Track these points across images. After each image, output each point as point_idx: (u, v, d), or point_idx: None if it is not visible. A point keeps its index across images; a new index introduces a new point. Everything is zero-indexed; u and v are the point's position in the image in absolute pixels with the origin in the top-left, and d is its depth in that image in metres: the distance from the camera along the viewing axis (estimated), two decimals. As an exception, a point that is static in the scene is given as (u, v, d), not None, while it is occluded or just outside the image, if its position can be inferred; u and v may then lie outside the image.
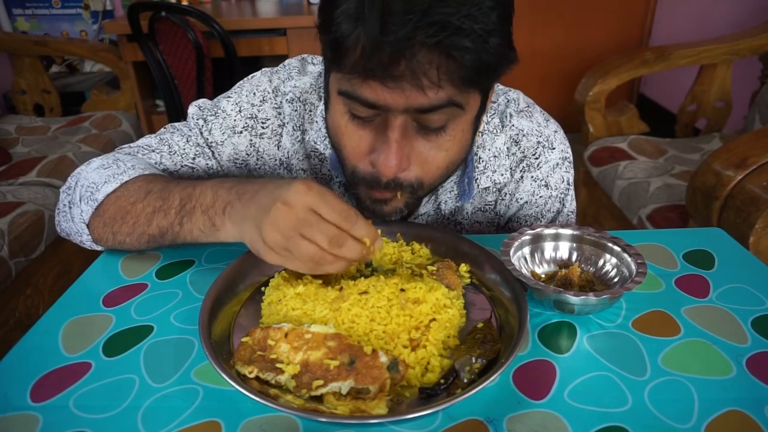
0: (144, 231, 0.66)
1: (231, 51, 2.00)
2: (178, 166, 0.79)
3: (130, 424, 0.50)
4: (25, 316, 1.57)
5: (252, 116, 0.78)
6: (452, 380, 0.53)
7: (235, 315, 0.64)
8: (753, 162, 1.30)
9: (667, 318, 0.65)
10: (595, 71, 2.08)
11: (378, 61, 0.52)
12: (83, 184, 0.71)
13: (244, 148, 0.79)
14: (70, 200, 0.73)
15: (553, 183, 0.82)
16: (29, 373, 0.56)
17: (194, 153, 0.79)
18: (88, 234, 0.72)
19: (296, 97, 0.78)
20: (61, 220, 0.76)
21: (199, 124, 0.80)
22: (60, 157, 1.94)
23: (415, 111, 0.57)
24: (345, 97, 0.59)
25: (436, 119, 0.58)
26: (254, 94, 0.79)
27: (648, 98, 3.21)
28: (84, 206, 0.70)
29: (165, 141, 0.79)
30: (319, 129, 0.76)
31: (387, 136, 0.59)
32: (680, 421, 0.50)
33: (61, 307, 0.67)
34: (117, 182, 0.69)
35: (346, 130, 0.62)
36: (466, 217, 0.83)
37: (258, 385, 0.52)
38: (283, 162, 0.81)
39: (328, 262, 0.56)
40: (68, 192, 0.75)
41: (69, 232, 0.76)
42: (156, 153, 0.79)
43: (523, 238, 0.71)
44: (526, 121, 0.81)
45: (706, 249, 0.78)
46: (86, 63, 2.91)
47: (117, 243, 0.70)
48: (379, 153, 0.60)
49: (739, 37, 2.03)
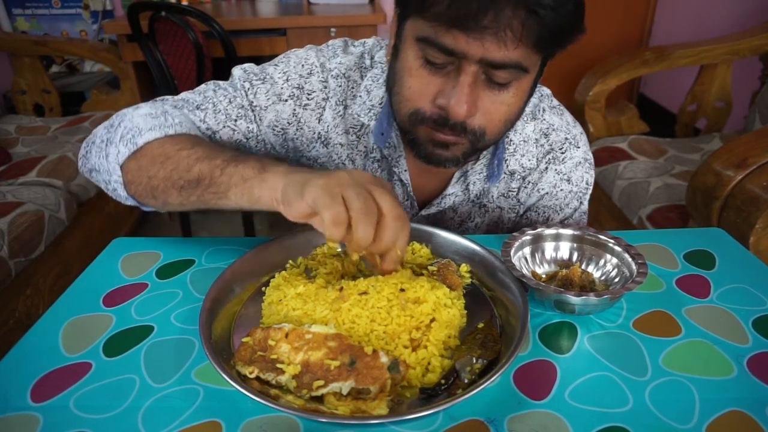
0: (181, 176, 0.64)
1: (231, 51, 2.00)
2: (221, 126, 0.78)
3: (130, 425, 0.50)
4: (25, 316, 1.57)
5: (299, 86, 0.80)
6: (453, 380, 0.53)
7: (235, 315, 0.64)
8: (753, 162, 1.30)
9: (667, 318, 0.65)
10: (595, 71, 2.08)
11: (466, 11, 0.56)
12: (126, 126, 0.70)
13: (286, 116, 0.81)
14: (109, 138, 0.71)
15: (575, 179, 0.85)
16: (29, 373, 0.56)
17: (236, 114, 0.79)
18: (119, 175, 0.69)
19: (341, 73, 0.81)
20: (93, 154, 0.74)
21: (245, 86, 0.80)
22: (60, 157, 1.94)
23: (488, 64, 0.60)
24: (425, 43, 0.62)
25: (503, 76, 0.62)
26: (302, 66, 0.81)
27: (648, 98, 3.21)
28: (122, 147, 0.68)
29: (209, 99, 0.79)
30: (363, 102, 0.80)
31: (459, 81, 0.62)
32: (681, 422, 0.50)
33: (61, 307, 0.67)
34: (161, 133, 0.68)
35: (416, 74, 0.65)
36: (491, 200, 0.86)
37: (258, 386, 0.52)
38: (321, 135, 0.83)
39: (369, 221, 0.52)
40: (109, 129, 0.72)
41: (97, 168, 0.74)
42: (201, 111, 0.78)
43: (523, 238, 0.71)
44: (557, 118, 0.85)
45: (706, 249, 0.78)
46: (86, 63, 2.91)
47: (150, 188, 0.67)
48: (450, 96, 0.63)
49: (739, 37, 2.03)
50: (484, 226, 0.88)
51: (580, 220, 0.88)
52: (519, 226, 0.88)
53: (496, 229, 0.89)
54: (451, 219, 0.88)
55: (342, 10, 2.45)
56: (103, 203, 2.09)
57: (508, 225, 0.89)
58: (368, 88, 0.80)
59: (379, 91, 0.80)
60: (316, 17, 2.35)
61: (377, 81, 0.81)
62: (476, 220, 0.88)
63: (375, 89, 0.80)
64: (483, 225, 0.88)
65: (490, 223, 0.88)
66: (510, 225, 0.89)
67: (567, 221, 0.87)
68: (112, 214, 2.18)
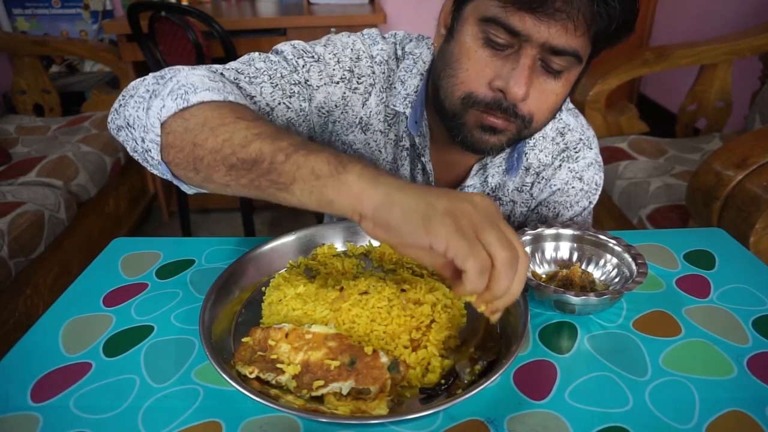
0: (234, 152, 0.52)
1: (231, 51, 2.00)
2: (276, 102, 0.72)
3: (130, 425, 0.50)
4: (25, 316, 1.57)
5: (350, 69, 0.80)
6: (453, 381, 0.53)
7: (235, 315, 0.64)
8: (753, 162, 1.30)
9: (667, 318, 0.65)
10: (595, 71, 2.08)
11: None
12: (180, 81, 0.59)
13: (335, 99, 0.80)
14: (155, 90, 0.60)
15: (587, 178, 0.87)
16: (29, 373, 0.56)
17: (291, 91, 0.74)
18: (157, 134, 0.57)
19: (384, 60, 0.82)
20: (130, 105, 0.62)
21: (300, 63, 0.76)
22: (60, 157, 1.94)
23: (549, 49, 0.61)
24: (490, 23, 0.62)
25: (559, 63, 0.63)
26: (351, 50, 0.81)
27: (648, 98, 3.21)
28: (169, 102, 0.57)
29: (262, 71, 0.73)
30: (398, 92, 0.81)
31: (520, 63, 0.63)
32: (681, 422, 0.50)
33: (61, 307, 0.67)
34: (220, 96, 0.58)
35: (475, 55, 0.65)
36: (507, 194, 0.88)
37: (258, 386, 0.52)
38: (362, 120, 0.83)
39: (513, 272, 0.46)
40: (159, 80, 0.62)
41: (132, 123, 0.61)
42: (257, 84, 0.71)
43: (523, 238, 0.71)
44: (572, 119, 0.87)
45: (706, 249, 0.78)
46: (86, 63, 2.91)
47: (194, 158, 0.55)
48: (509, 78, 0.64)
49: (739, 37, 2.03)
50: None
51: (587, 219, 0.90)
52: (529, 220, 0.90)
53: (508, 222, 0.89)
54: None
55: (342, 10, 2.45)
56: (103, 203, 2.09)
57: (519, 219, 0.90)
58: (402, 78, 0.81)
59: (413, 81, 0.81)
60: (316, 17, 2.35)
61: (410, 71, 0.81)
62: None
63: (409, 79, 0.81)
64: None
65: (503, 216, 0.89)
66: (521, 219, 0.90)
67: (575, 219, 0.88)
68: (112, 214, 2.18)
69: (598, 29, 0.60)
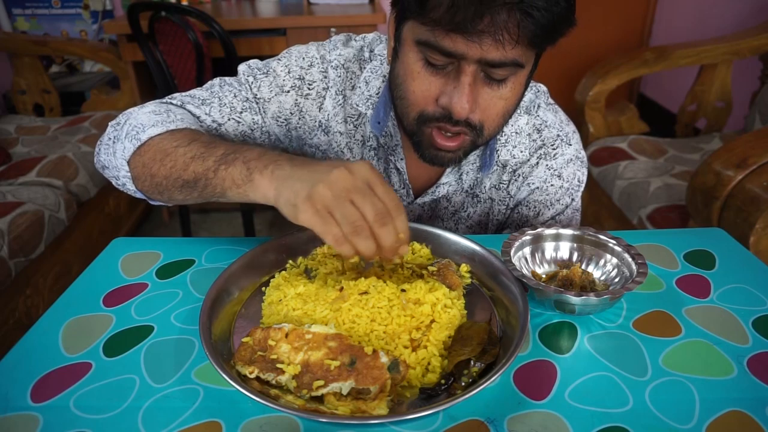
0: (180, 176, 0.66)
1: (231, 51, 2.00)
2: (226, 119, 0.82)
3: (130, 425, 0.50)
4: (25, 316, 1.57)
5: (300, 77, 0.84)
6: (453, 381, 0.53)
7: (235, 315, 0.64)
8: (753, 162, 1.30)
9: (667, 318, 0.65)
10: (595, 71, 2.08)
11: (463, 16, 0.58)
12: (131, 123, 0.73)
13: (288, 107, 0.84)
14: (116, 135, 0.75)
15: (566, 175, 0.86)
16: (29, 373, 0.56)
17: (242, 107, 0.82)
18: (126, 171, 0.73)
19: (341, 64, 0.84)
20: (102, 151, 0.78)
21: (249, 80, 0.84)
22: (60, 157, 1.94)
23: (486, 63, 0.63)
24: (424, 46, 0.64)
25: (501, 73, 0.65)
26: (303, 59, 0.85)
27: (648, 98, 3.21)
28: (127, 143, 0.72)
29: (215, 94, 0.83)
30: (362, 93, 0.84)
31: (460, 80, 0.65)
32: (681, 422, 0.50)
33: (61, 307, 0.67)
34: (163, 128, 0.70)
35: (418, 76, 0.67)
36: (484, 191, 0.89)
37: (258, 386, 0.52)
38: (322, 124, 0.86)
39: (364, 236, 0.54)
40: (116, 127, 0.76)
41: (108, 165, 0.77)
42: (206, 105, 0.81)
43: (523, 238, 0.71)
44: (551, 115, 0.87)
45: (706, 249, 0.78)
46: (86, 63, 2.91)
47: (154, 185, 0.70)
48: (452, 96, 0.66)
49: (739, 37, 2.03)
50: (476, 216, 0.91)
51: (573, 217, 0.89)
52: (510, 219, 0.90)
53: (487, 220, 0.91)
54: (445, 208, 0.90)
55: (342, 10, 2.45)
56: (103, 203, 2.09)
57: (498, 217, 0.90)
58: (367, 80, 0.84)
59: (377, 82, 0.83)
60: (316, 17, 2.35)
61: (376, 72, 0.84)
62: (469, 210, 0.90)
63: (373, 80, 0.83)
64: (475, 215, 0.91)
65: (482, 213, 0.91)
66: (500, 217, 0.91)
67: (558, 217, 0.88)
68: (112, 214, 2.18)
69: (529, 38, 0.60)
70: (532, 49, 0.64)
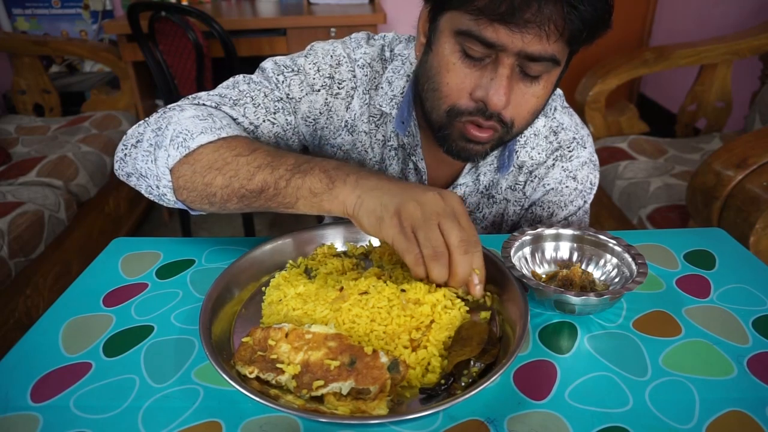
0: (242, 185, 0.63)
1: (231, 51, 2.00)
2: (261, 120, 0.79)
3: (130, 425, 0.50)
4: (25, 316, 1.57)
5: (330, 76, 0.82)
6: (452, 381, 0.53)
7: (235, 315, 0.64)
8: (753, 162, 1.30)
9: (667, 318, 0.65)
10: (595, 71, 2.08)
11: (509, 5, 0.58)
12: (176, 129, 0.67)
13: (318, 106, 0.83)
14: (158, 141, 0.68)
15: (581, 178, 0.87)
16: (29, 373, 0.56)
17: (275, 108, 0.80)
18: (169, 179, 0.67)
19: (366, 63, 0.84)
20: (137, 158, 0.71)
21: (279, 79, 0.81)
22: (60, 157, 1.94)
23: (525, 57, 0.62)
24: (465, 36, 0.63)
25: (537, 68, 0.64)
26: (331, 57, 0.83)
27: (648, 98, 3.21)
28: (173, 151, 0.66)
29: (245, 93, 0.79)
30: (385, 93, 0.83)
31: (498, 72, 0.64)
32: (681, 422, 0.50)
33: (61, 307, 0.67)
34: (214, 135, 0.66)
35: (453, 68, 0.66)
36: (500, 192, 0.89)
37: (258, 386, 0.52)
38: (348, 123, 0.85)
39: (442, 262, 0.55)
40: (157, 132, 0.69)
41: (143, 173, 0.70)
42: (240, 106, 0.77)
43: (523, 238, 0.71)
44: (567, 118, 0.88)
45: (706, 249, 0.78)
46: (86, 63, 2.91)
47: (206, 195, 0.65)
48: (488, 88, 0.65)
49: (739, 37, 2.03)
50: (491, 217, 0.91)
51: (583, 218, 0.90)
52: (524, 219, 0.90)
53: (501, 221, 0.91)
54: None
55: (342, 10, 2.45)
56: (103, 203, 2.09)
57: (513, 218, 0.91)
58: (389, 79, 0.83)
59: (400, 82, 0.82)
60: (316, 17, 2.35)
61: (398, 72, 0.83)
62: (484, 210, 0.90)
63: (396, 80, 0.82)
64: (490, 216, 0.91)
65: (497, 214, 0.91)
66: (515, 218, 0.91)
67: (570, 218, 0.88)
68: (112, 214, 2.18)
69: (572, 32, 0.60)
70: (569, 47, 0.64)
